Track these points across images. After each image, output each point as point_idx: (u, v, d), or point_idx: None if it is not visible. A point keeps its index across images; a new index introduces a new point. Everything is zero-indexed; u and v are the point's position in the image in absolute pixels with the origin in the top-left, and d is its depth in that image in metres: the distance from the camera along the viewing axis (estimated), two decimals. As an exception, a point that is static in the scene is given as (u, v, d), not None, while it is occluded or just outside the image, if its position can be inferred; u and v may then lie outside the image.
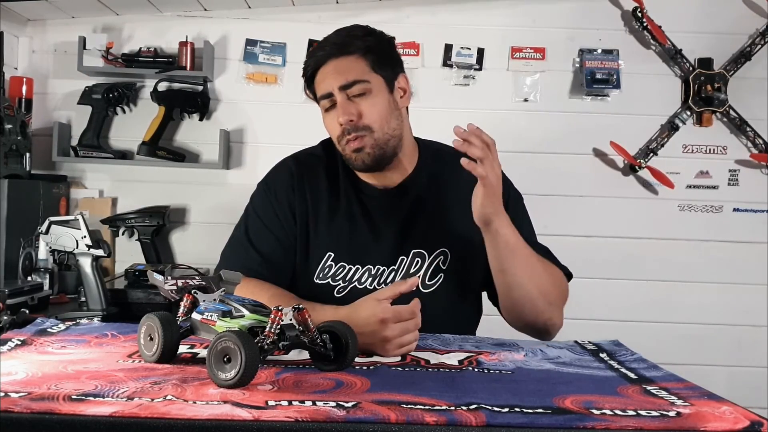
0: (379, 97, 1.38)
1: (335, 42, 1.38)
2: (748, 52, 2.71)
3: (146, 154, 2.62)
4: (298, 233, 1.46)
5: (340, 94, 1.36)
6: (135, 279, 2.39)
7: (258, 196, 1.51)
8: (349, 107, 1.36)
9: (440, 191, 1.46)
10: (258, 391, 0.87)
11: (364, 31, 1.41)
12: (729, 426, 0.78)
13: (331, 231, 1.43)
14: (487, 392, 0.90)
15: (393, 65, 1.43)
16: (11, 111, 2.38)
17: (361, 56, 1.38)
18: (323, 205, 1.45)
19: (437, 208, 1.45)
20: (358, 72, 1.37)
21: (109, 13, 2.70)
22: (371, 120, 1.37)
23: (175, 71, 2.63)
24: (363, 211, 1.44)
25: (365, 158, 1.39)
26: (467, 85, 2.73)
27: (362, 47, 1.38)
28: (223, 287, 1.05)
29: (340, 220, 1.44)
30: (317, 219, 1.45)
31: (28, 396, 0.82)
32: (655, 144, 2.72)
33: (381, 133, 1.38)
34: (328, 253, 1.43)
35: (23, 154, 2.43)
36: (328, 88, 1.37)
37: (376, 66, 1.39)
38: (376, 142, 1.38)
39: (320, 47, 1.40)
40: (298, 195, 1.47)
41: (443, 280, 1.42)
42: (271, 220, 1.46)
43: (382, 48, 1.42)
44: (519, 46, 2.75)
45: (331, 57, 1.37)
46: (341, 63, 1.37)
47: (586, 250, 2.72)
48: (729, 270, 2.73)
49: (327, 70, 1.38)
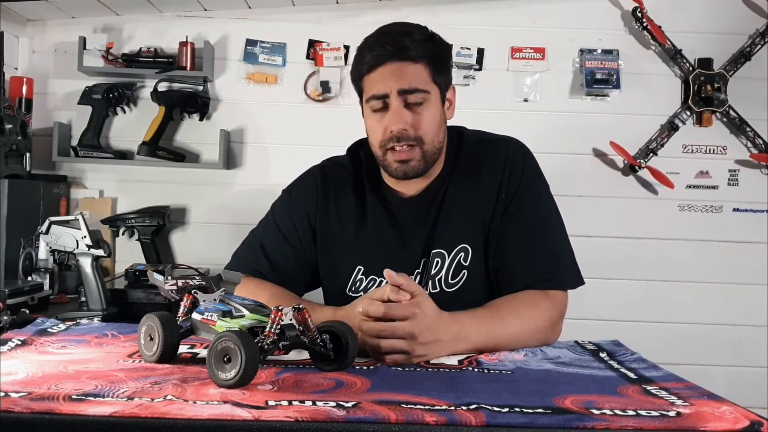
0: (434, 108, 1.34)
1: (399, 44, 1.30)
2: (748, 52, 2.71)
3: (146, 154, 2.62)
4: (320, 246, 1.43)
5: (398, 98, 1.30)
6: (135, 279, 2.39)
7: (280, 204, 1.49)
8: (404, 115, 1.31)
9: (462, 185, 1.41)
10: (258, 391, 0.87)
11: (425, 35, 1.34)
12: (729, 426, 0.78)
13: (360, 246, 1.41)
14: (487, 392, 0.90)
15: (447, 75, 1.38)
16: (11, 111, 2.38)
17: (425, 64, 1.31)
18: (350, 219, 1.42)
19: (459, 203, 1.40)
20: (421, 80, 1.31)
21: (109, 13, 2.70)
22: (425, 132, 1.32)
23: (175, 71, 2.63)
24: (391, 221, 1.41)
25: (409, 170, 1.34)
26: (467, 85, 2.73)
27: (426, 55, 1.31)
28: (223, 287, 1.05)
29: (368, 234, 1.41)
30: (343, 234, 1.42)
31: (28, 396, 0.82)
32: (655, 144, 2.72)
33: (431, 146, 1.34)
34: (358, 267, 1.40)
35: (23, 154, 2.44)
36: (385, 89, 1.30)
37: (435, 75, 1.33)
38: (424, 156, 1.34)
39: (379, 45, 1.32)
40: (322, 210, 1.44)
41: (467, 277, 1.36)
42: (289, 230, 1.44)
43: (443, 57, 1.37)
44: (519, 46, 2.75)
45: (394, 59, 1.30)
46: (404, 67, 1.30)
47: (586, 250, 2.68)
48: (729, 270, 2.73)
49: (386, 70, 1.31)
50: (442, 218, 1.39)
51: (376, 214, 1.42)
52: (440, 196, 1.40)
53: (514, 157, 1.40)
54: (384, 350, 1.09)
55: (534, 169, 1.42)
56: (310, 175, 1.49)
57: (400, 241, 1.40)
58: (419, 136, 1.32)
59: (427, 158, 1.34)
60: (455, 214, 1.39)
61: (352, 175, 1.46)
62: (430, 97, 1.32)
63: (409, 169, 1.34)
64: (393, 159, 1.34)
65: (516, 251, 1.35)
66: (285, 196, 1.49)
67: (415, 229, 1.40)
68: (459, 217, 1.38)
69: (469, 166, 1.42)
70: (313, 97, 2.72)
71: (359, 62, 1.35)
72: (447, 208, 1.39)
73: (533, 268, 1.34)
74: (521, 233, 1.36)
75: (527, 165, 1.41)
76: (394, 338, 1.09)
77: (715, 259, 2.74)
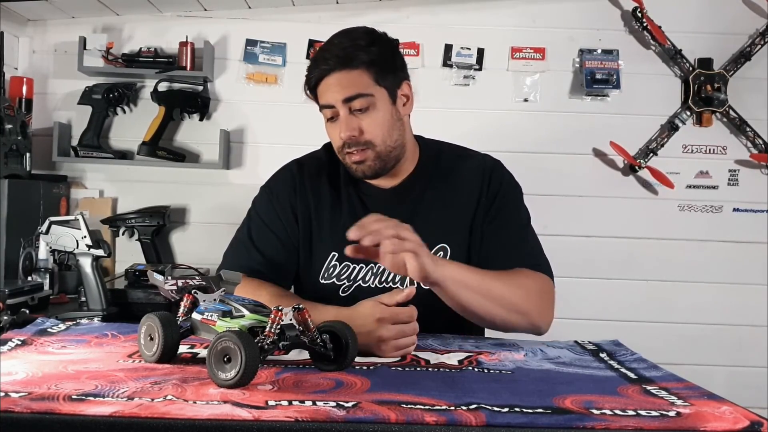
0: (382, 110, 1.38)
1: (339, 55, 1.36)
2: (748, 52, 2.71)
3: (146, 154, 2.62)
4: (300, 235, 1.47)
5: (343, 107, 1.37)
6: (135, 279, 2.38)
7: (260, 198, 1.53)
8: (351, 122, 1.37)
9: (440, 188, 1.47)
10: (258, 391, 0.87)
11: (368, 40, 1.38)
12: (729, 426, 0.78)
13: (335, 231, 1.43)
14: (487, 392, 0.91)
15: (396, 73, 1.42)
16: (11, 111, 2.38)
17: (365, 69, 1.36)
18: (326, 206, 1.47)
19: (437, 204, 1.46)
20: (362, 86, 1.36)
21: (109, 13, 2.70)
22: (372, 135, 1.38)
23: (175, 71, 2.63)
24: (365, 211, 1.43)
25: (366, 170, 1.41)
26: (467, 85, 2.73)
27: (366, 60, 1.36)
28: (223, 287, 1.05)
29: (344, 221, 1.43)
30: (320, 220, 1.46)
31: (28, 396, 0.82)
32: (655, 144, 2.72)
33: (383, 146, 1.39)
34: (333, 253, 1.44)
35: (23, 154, 2.43)
36: (330, 100, 1.37)
37: (379, 78, 1.38)
38: (377, 156, 1.39)
39: (323, 59, 1.38)
40: (300, 197, 1.48)
41: None
42: (273, 221, 1.48)
43: (386, 58, 1.40)
44: (519, 46, 2.75)
45: (335, 70, 1.36)
46: (345, 76, 1.36)
47: (586, 250, 2.72)
48: (729, 270, 2.73)
49: (330, 81, 1.37)
50: (420, 215, 1.43)
51: (351, 202, 1.47)
52: (417, 192, 1.46)
53: (492, 167, 1.49)
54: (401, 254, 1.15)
55: (511, 179, 1.50)
56: (286, 167, 1.55)
57: None
58: (368, 140, 1.38)
59: (383, 157, 1.40)
60: (435, 214, 1.44)
61: (327, 167, 1.51)
62: (375, 100, 1.38)
63: (366, 169, 1.41)
64: (350, 161, 1.41)
65: (499, 243, 1.42)
66: (264, 191, 1.53)
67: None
68: (439, 217, 1.44)
69: (447, 173, 1.48)
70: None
71: (308, 76, 1.42)
72: (426, 207, 1.45)
73: (516, 256, 1.41)
74: (503, 230, 1.43)
75: (505, 175, 1.50)
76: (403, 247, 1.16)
77: (715, 259, 2.74)
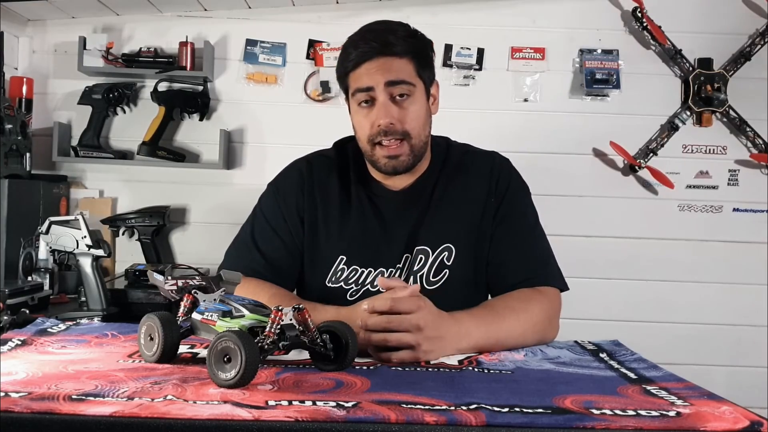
0: (420, 103, 1.35)
1: (385, 40, 1.31)
2: (747, 52, 2.71)
3: (146, 154, 2.62)
4: (306, 237, 1.43)
5: (384, 91, 1.31)
6: (135, 279, 2.39)
7: (267, 197, 1.49)
8: (391, 109, 1.31)
9: (448, 187, 1.43)
10: (258, 391, 0.87)
11: (408, 32, 1.36)
12: (729, 426, 0.78)
13: (344, 235, 1.41)
14: (487, 392, 0.90)
15: (432, 70, 1.40)
16: (11, 111, 2.38)
17: (410, 59, 1.33)
18: (334, 208, 1.43)
19: (445, 204, 1.42)
20: (406, 73, 1.32)
21: (109, 13, 2.70)
22: (411, 126, 1.33)
23: (175, 71, 2.63)
24: (375, 213, 1.42)
25: (398, 165, 1.36)
26: (467, 85, 2.73)
27: (411, 50, 1.33)
28: (223, 287, 1.05)
29: (353, 224, 1.41)
30: (328, 222, 1.43)
31: (28, 396, 0.82)
32: (655, 144, 2.72)
33: (418, 140, 1.35)
34: (341, 257, 1.40)
35: (23, 154, 2.43)
36: (370, 82, 1.31)
37: (420, 70, 1.34)
38: (412, 150, 1.35)
39: (365, 40, 1.33)
40: (308, 198, 1.44)
41: (448, 276, 1.38)
42: (278, 222, 1.44)
43: (425, 53, 1.38)
44: (519, 46, 2.75)
45: (379, 54, 1.31)
46: (390, 61, 1.31)
47: (586, 250, 2.72)
48: (729, 270, 2.73)
49: (372, 65, 1.31)
50: (428, 216, 1.41)
51: (361, 204, 1.43)
52: (427, 193, 1.43)
53: (500, 166, 1.46)
54: (391, 344, 1.09)
55: (519, 179, 1.48)
56: (295, 166, 1.51)
57: (384, 232, 1.41)
58: (406, 131, 1.33)
59: (415, 152, 1.36)
60: (441, 213, 1.41)
61: (337, 167, 1.47)
62: (416, 91, 1.34)
63: (399, 164, 1.36)
64: (382, 154, 1.35)
65: (507, 250, 1.39)
66: (271, 189, 1.50)
67: (399, 223, 1.41)
68: (445, 217, 1.41)
69: (456, 171, 1.45)
70: (313, 97, 2.72)
71: (344, 59, 1.36)
72: (434, 207, 1.42)
73: (524, 266, 1.38)
74: (512, 234, 1.41)
75: (513, 174, 1.47)
76: (401, 330, 1.09)
77: (715, 259, 2.74)
